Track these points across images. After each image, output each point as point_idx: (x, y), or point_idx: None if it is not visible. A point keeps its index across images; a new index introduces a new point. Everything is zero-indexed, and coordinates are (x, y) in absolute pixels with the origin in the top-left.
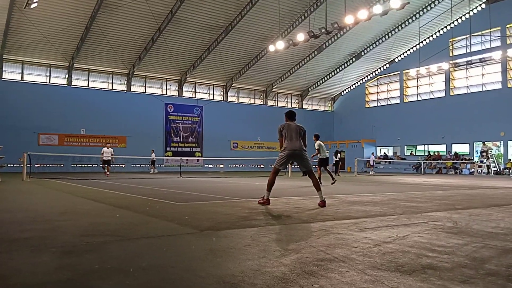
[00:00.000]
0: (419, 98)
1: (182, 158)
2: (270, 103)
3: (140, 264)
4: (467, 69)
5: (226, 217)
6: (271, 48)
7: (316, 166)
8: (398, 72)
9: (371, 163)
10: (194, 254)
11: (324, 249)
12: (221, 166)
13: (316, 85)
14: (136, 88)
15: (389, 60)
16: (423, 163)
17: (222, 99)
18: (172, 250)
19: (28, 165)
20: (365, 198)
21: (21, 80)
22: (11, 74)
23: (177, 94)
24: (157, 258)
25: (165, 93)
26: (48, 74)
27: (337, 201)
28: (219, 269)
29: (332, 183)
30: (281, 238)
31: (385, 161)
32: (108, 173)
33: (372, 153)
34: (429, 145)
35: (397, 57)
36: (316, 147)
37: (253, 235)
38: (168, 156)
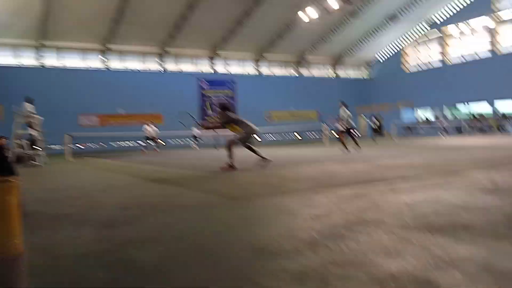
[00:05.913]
0: (462, 60)
1: (218, 130)
2: (303, 72)
3: (172, 233)
4: None
5: (260, 186)
6: (303, 16)
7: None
8: (438, 34)
9: (444, 126)
10: (226, 222)
11: (355, 213)
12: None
13: (351, 52)
14: (170, 66)
15: (428, 21)
16: (467, 125)
17: (254, 72)
18: (205, 219)
19: (70, 146)
20: (402, 161)
21: (59, 65)
22: (50, 60)
23: (209, 70)
24: (190, 228)
25: (198, 70)
26: (84, 57)
27: (372, 165)
28: (249, 235)
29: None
30: (313, 203)
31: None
32: (145, 151)
33: (446, 117)
34: (473, 105)
35: (436, 17)
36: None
37: (286, 202)
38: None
